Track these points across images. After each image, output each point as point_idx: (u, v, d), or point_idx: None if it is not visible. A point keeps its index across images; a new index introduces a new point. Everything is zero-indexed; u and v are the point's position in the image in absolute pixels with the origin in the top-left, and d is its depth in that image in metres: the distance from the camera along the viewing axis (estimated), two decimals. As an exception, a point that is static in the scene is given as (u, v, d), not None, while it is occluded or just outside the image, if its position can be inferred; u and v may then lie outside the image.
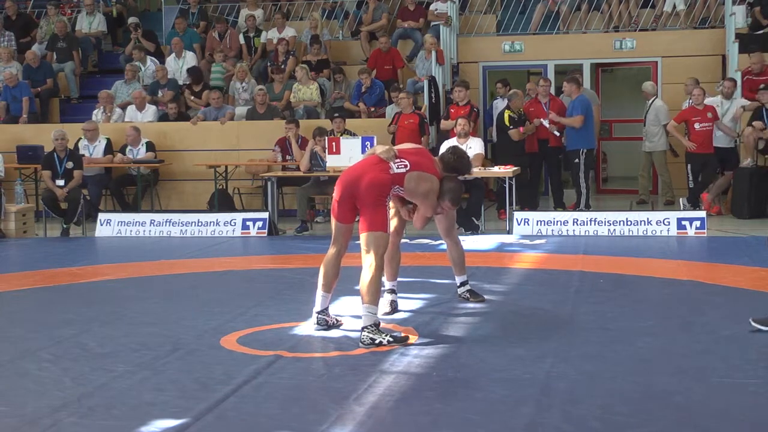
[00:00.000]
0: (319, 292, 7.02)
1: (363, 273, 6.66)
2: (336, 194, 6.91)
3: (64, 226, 13.22)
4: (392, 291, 7.54)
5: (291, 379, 5.80)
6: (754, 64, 14.52)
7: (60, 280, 9.64)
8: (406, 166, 6.84)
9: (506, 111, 13.93)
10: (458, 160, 7.19)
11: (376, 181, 6.75)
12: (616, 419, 4.93)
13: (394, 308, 7.50)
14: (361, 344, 6.51)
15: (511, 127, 13.75)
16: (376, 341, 6.48)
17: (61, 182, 13.22)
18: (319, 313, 7.05)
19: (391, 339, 6.51)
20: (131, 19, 18.38)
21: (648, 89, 15.07)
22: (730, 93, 14.05)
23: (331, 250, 7.02)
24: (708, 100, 13.90)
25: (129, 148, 14.65)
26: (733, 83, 14.15)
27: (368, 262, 6.65)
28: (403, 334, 6.70)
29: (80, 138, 14.63)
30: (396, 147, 7.10)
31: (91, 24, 18.49)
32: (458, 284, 7.95)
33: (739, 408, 5.08)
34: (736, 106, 14.02)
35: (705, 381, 5.58)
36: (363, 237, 6.71)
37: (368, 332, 6.52)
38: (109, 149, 14.67)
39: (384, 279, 7.29)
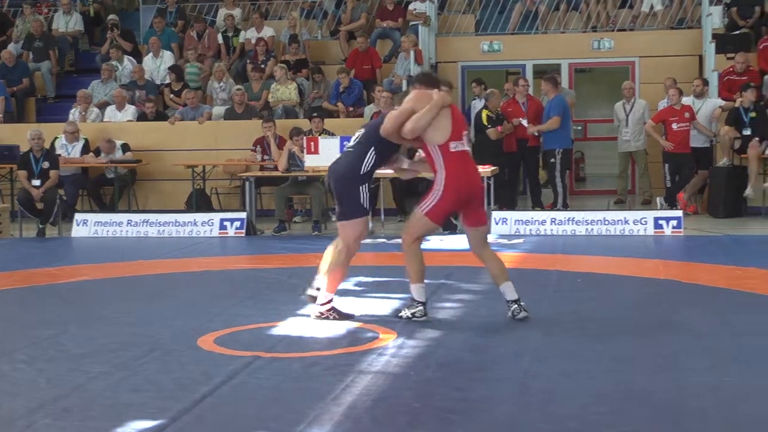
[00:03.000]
0: (419, 286, 7.11)
1: (497, 261, 7.33)
2: (468, 200, 7.07)
3: (40, 226, 13.13)
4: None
5: (269, 379, 5.77)
6: (738, 63, 14.59)
7: (36, 280, 9.58)
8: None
9: (484, 110, 13.96)
10: (422, 72, 7.53)
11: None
12: (594, 418, 4.94)
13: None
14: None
15: (489, 126, 13.78)
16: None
17: (37, 182, 13.13)
18: (424, 305, 7.18)
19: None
20: (110, 17, 18.29)
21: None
22: (701, 92, 14.13)
23: (418, 245, 7.13)
24: (684, 100, 13.98)
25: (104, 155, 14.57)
26: (703, 82, 14.24)
27: (493, 251, 7.48)
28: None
29: (56, 137, 14.54)
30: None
31: (67, 23, 18.39)
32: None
33: (717, 407, 5.09)
34: (709, 106, 14.10)
35: (683, 380, 5.59)
36: (484, 230, 7.37)
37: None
38: (86, 149, 14.59)
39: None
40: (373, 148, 7.02)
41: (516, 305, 7.13)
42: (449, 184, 6.87)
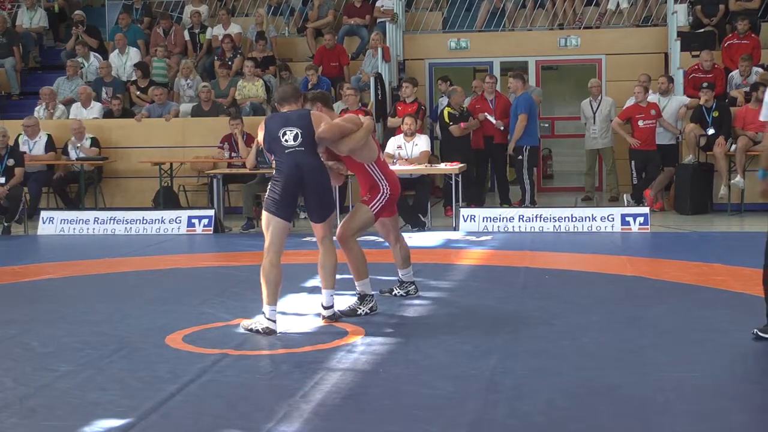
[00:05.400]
0: (367, 281, 7.44)
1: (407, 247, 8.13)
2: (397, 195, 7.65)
3: (5, 224, 13.01)
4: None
5: (237, 377, 5.77)
6: (705, 61, 14.71)
7: (1, 279, 9.49)
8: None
9: (446, 108, 13.98)
10: (321, 93, 7.89)
11: None
12: (561, 414, 4.97)
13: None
14: None
15: (451, 123, 13.79)
16: None
17: (1, 180, 13.00)
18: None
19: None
20: (76, 13, 18.14)
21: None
22: (665, 90, 14.24)
23: (355, 241, 7.52)
24: (650, 98, 14.08)
25: (72, 139, 14.44)
26: (668, 80, 14.35)
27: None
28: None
29: (20, 134, 14.42)
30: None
31: (32, 19, 18.23)
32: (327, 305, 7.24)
33: (682, 401, 5.14)
34: (674, 103, 14.20)
35: (648, 375, 5.64)
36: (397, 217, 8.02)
37: None
38: (50, 146, 14.47)
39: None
40: (317, 149, 7.19)
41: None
42: (393, 188, 7.54)
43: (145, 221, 12.94)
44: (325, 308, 7.19)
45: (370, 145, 7.43)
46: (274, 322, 6.85)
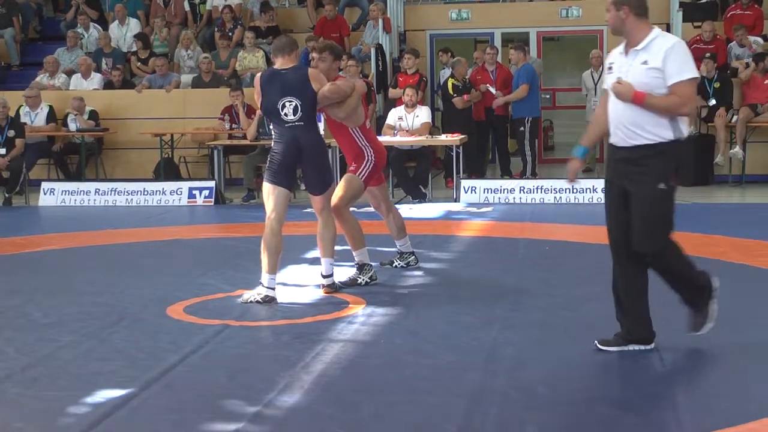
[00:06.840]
0: (365, 250, 7.51)
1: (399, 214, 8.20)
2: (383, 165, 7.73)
3: (6, 195, 13.01)
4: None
5: (238, 347, 5.79)
6: (706, 32, 14.66)
7: (2, 250, 9.50)
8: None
9: (450, 79, 13.94)
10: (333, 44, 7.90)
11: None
12: (562, 384, 4.99)
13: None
14: None
15: (455, 95, 13.76)
16: None
17: (1, 151, 12.99)
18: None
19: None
20: (77, -17, 18.04)
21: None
22: None
23: (349, 211, 7.57)
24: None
25: (75, 114, 14.38)
26: None
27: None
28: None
29: (21, 105, 14.38)
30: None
31: (31, -11, 18.15)
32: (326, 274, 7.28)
33: (681, 370, 5.16)
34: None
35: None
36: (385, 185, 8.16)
37: None
38: (51, 117, 14.44)
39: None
40: (317, 122, 7.23)
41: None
42: (378, 155, 7.55)
43: (146, 192, 12.94)
44: (325, 277, 7.22)
45: (358, 110, 7.46)
46: (274, 290, 6.89)
